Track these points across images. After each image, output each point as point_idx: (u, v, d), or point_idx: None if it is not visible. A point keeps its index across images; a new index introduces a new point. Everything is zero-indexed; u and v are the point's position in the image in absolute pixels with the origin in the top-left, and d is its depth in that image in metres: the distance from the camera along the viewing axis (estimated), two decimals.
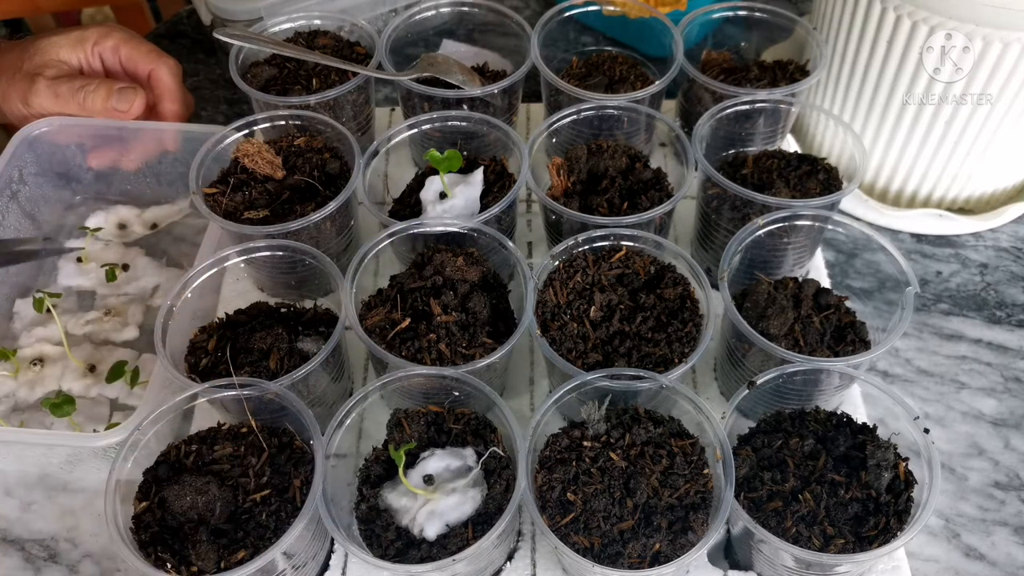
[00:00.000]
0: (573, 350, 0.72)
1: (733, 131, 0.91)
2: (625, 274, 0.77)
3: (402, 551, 0.62)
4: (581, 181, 0.86)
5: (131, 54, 0.95)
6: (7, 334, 0.86)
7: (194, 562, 0.60)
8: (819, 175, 0.85)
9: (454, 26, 1.06)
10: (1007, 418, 0.81)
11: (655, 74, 1.01)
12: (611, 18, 1.07)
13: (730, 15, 1.03)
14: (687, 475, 0.64)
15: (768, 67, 0.99)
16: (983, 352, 0.86)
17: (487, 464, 0.65)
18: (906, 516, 0.63)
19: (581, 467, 0.65)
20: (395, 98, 1.09)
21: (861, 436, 0.67)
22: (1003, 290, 0.91)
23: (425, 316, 0.72)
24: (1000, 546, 0.73)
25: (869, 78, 0.91)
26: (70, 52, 0.93)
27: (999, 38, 0.80)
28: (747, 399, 0.69)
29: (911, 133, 0.91)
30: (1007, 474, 0.77)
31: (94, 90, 0.90)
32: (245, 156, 0.83)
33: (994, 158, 0.92)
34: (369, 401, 0.69)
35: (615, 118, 0.91)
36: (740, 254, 0.78)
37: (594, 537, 0.62)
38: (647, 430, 0.66)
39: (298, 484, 0.64)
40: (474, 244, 0.79)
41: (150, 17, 1.69)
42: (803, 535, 0.62)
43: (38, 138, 0.92)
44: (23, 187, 0.92)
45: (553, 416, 0.69)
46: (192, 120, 1.10)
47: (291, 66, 0.96)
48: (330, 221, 0.82)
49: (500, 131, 0.88)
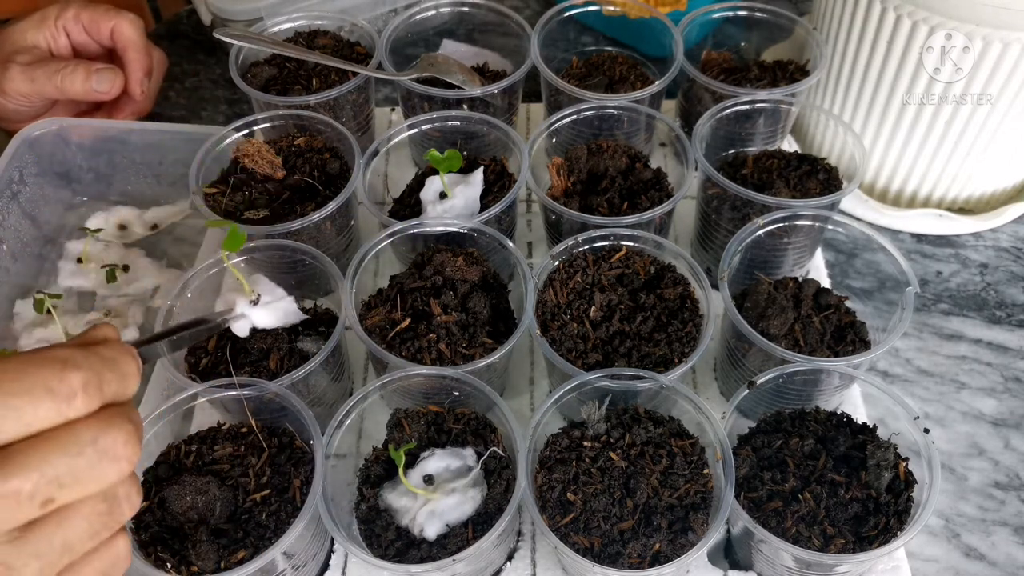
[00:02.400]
0: (573, 350, 0.72)
1: (733, 131, 0.91)
2: (625, 274, 0.77)
3: (402, 551, 0.62)
4: (581, 181, 0.86)
5: (91, 16, 0.94)
6: (7, 334, 0.86)
7: (194, 562, 0.60)
8: (819, 175, 0.85)
9: (454, 26, 1.06)
10: (1007, 418, 0.81)
11: (655, 74, 1.01)
12: (611, 18, 1.07)
13: (730, 15, 1.03)
14: (687, 475, 0.64)
15: (768, 67, 0.99)
16: (983, 352, 0.86)
17: (487, 464, 0.65)
18: (906, 516, 0.63)
19: (581, 467, 0.65)
20: (395, 98, 1.09)
21: (861, 436, 0.67)
22: (1003, 290, 0.91)
23: (425, 316, 0.72)
24: (1000, 546, 0.73)
25: (869, 78, 0.91)
26: (36, 33, 0.93)
27: (999, 38, 0.80)
28: (747, 399, 0.69)
29: (911, 133, 0.91)
30: (1007, 474, 0.77)
31: (71, 72, 0.89)
32: (245, 156, 0.83)
33: (994, 158, 0.92)
34: (369, 401, 0.69)
35: (615, 118, 0.91)
36: (740, 254, 0.78)
37: (594, 537, 0.62)
38: (647, 430, 0.66)
39: (298, 484, 0.64)
40: (474, 244, 0.79)
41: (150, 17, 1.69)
42: (803, 535, 0.62)
43: (38, 139, 0.92)
44: (23, 188, 0.92)
45: (553, 416, 0.69)
46: (192, 120, 1.11)
47: (291, 66, 0.96)
48: (330, 221, 0.82)
49: (500, 131, 0.88)
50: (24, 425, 0.39)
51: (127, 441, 0.42)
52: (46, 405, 0.39)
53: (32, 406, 0.39)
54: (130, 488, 0.44)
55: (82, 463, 0.40)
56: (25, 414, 0.39)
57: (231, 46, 0.94)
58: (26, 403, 0.38)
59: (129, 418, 0.43)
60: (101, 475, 0.41)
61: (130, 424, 0.42)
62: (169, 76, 1.17)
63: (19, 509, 0.39)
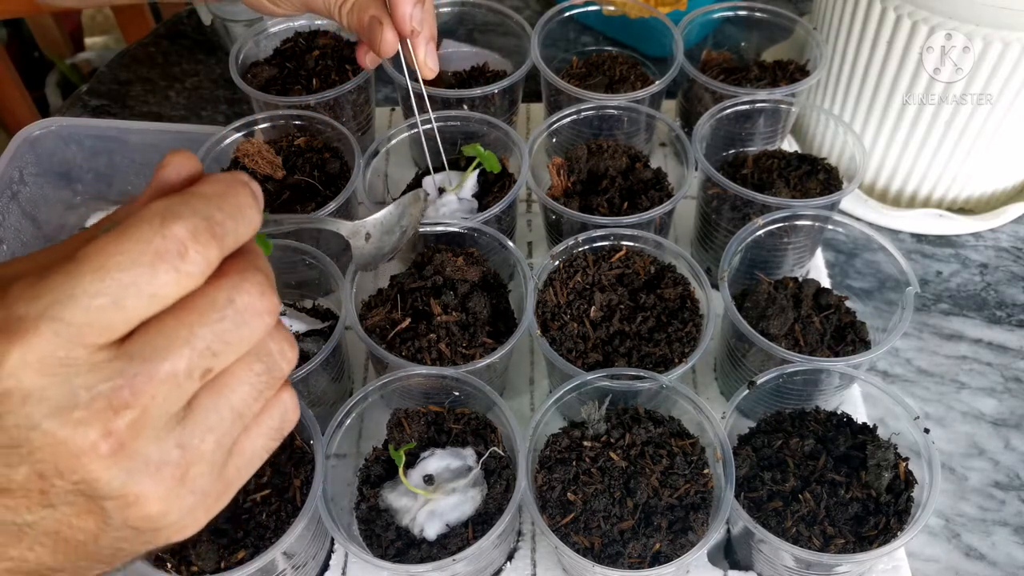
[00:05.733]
0: (573, 350, 0.72)
1: (733, 131, 0.91)
2: (625, 274, 0.77)
3: (402, 551, 0.62)
4: (581, 181, 0.86)
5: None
6: None
7: (194, 562, 0.60)
8: (819, 175, 0.85)
9: (454, 26, 1.06)
10: (1007, 418, 0.81)
11: (655, 74, 1.01)
12: (611, 18, 1.07)
13: (730, 15, 1.03)
14: (687, 475, 0.64)
15: (768, 67, 0.99)
16: (983, 352, 0.86)
17: (487, 464, 0.65)
18: (906, 516, 0.63)
19: (581, 467, 0.65)
20: (395, 98, 1.09)
21: (861, 436, 0.67)
22: (1003, 290, 0.91)
23: (425, 316, 0.72)
24: (1000, 546, 0.73)
25: (869, 78, 0.91)
26: None
27: (999, 38, 0.80)
28: (747, 399, 0.69)
29: (911, 133, 0.91)
30: (1007, 474, 0.77)
31: None
32: (245, 156, 0.83)
33: (994, 158, 0.92)
34: (369, 401, 0.69)
35: (615, 118, 0.91)
36: (740, 254, 0.78)
37: (594, 537, 0.62)
38: (647, 430, 0.66)
39: (298, 484, 0.64)
40: (474, 244, 0.79)
41: (150, 17, 1.69)
42: (803, 535, 0.62)
43: (39, 138, 0.92)
44: (23, 187, 0.92)
45: (553, 416, 0.69)
46: (192, 120, 1.11)
47: (291, 66, 0.96)
48: None
49: (500, 131, 0.88)
50: (149, 298, 0.35)
51: (263, 292, 0.38)
52: (161, 268, 0.34)
53: (147, 275, 0.34)
54: (281, 342, 0.41)
55: (227, 326, 0.37)
56: (143, 285, 0.34)
57: (231, 46, 0.94)
58: (139, 273, 0.34)
59: (257, 266, 0.39)
60: (249, 334, 0.38)
61: (260, 273, 0.39)
62: (169, 76, 1.17)
63: (180, 389, 0.36)
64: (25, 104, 1.69)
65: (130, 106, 1.12)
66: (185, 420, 0.37)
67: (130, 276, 0.34)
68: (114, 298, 0.34)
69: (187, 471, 0.37)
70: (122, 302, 0.34)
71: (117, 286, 0.34)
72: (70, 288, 0.33)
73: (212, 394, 0.38)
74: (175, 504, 0.37)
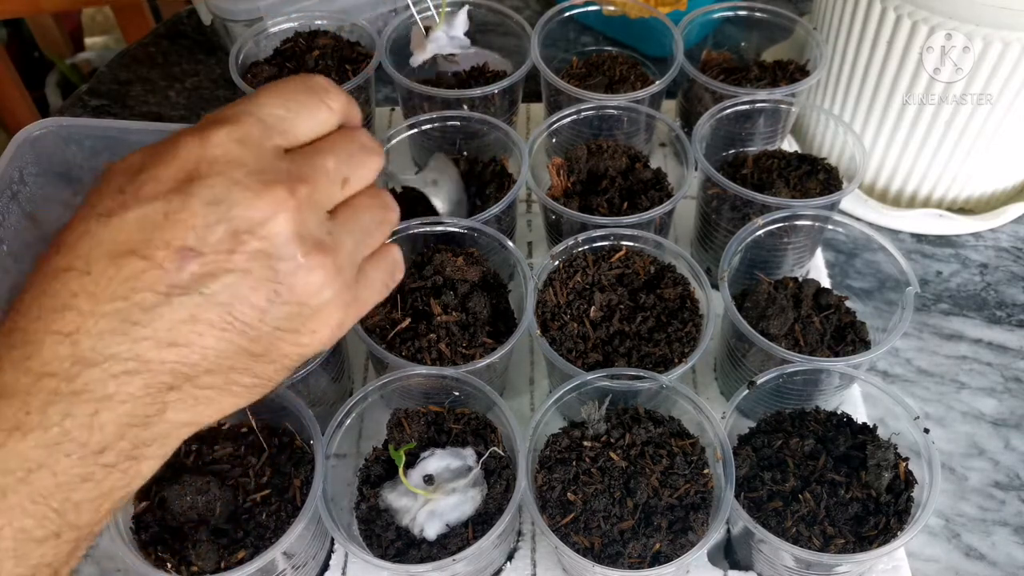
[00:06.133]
0: (573, 350, 0.72)
1: (733, 131, 0.91)
2: (625, 274, 0.77)
3: (402, 551, 0.62)
4: (581, 181, 0.86)
5: None
6: None
7: (194, 562, 0.60)
8: (819, 175, 0.85)
9: None
10: (1007, 418, 0.81)
11: (655, 74, 1.01)
12: (611, 18, 1.07)
13: (730, 15, 1.03)
14: (687, 475, 0.64)
15: (768, 67, 0.99)
16: (983, 352, 0.86)
17: (487, 464, 0.65)
18: (906, 516, 0.63)
19: (581, 467, 0.65)
20: (395, 98, 1.09)
21: (861, 436, 0.67)
22: (1003, 290, 0.91)
23: (425, 316, 0.72)
24: (1000, 546, 0.73)
25: (869, 78, 0.91)
26: None
27: (999, 38, 0.80)
28: (747, 399, 0.69)
29: (911, 133, 0.91)
30: (1007, 474, 0.77)
31: None
32: None
33: (994, 158, 0.92)
34: (369, 401, 0.69)
35: (615, 118, 0.91)
36: (740, 254, 0.78)
37: (594, 537, 0.62)
38: (647, 430, 0.66)
39: (298, 484, 0.64)
40: (474, 244, 0.79)
41: (150, 17, 1.69)
42: (803, 535, 0.62)
43: (39, 138, 0.92)
44: (23, 187, 0.92)
45: (553, 416, 0.69)
46: (192, 120, 1.11)
47: (291, 66, 0.96)
48: None
49: (500, 131, 0.88)
50: (316, 123, 0.48)
51: (374, 140, 0.52)
52: (315, 99, 0.48)
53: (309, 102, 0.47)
54: (387, 195, 0.53)
55: (357, 149, 0.49)
56: (315, 113, 0.48)
57: (231, 46, 0.94)
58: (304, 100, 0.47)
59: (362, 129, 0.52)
60: (372, 163, 0.50)
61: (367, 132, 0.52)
62: (169, 76, 1.17)
63: (332, 186, 0.47)
64: (25, 104, 1.69)
65: (130, 106, 1.12)
66: (333, 219, 0.47)
67: (297, 103, 0.47)
68: (291, 113, 0.47)
69: (335, 257, 0.46)
70: (295, 118, 0.47)
71: (294, 104, 0.47)
72: (257, 104, 0.46)
73: (347, 209, 0.49)
74: (331, 281, 0.45)
